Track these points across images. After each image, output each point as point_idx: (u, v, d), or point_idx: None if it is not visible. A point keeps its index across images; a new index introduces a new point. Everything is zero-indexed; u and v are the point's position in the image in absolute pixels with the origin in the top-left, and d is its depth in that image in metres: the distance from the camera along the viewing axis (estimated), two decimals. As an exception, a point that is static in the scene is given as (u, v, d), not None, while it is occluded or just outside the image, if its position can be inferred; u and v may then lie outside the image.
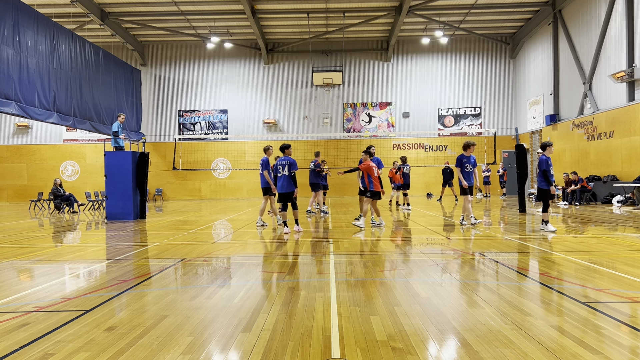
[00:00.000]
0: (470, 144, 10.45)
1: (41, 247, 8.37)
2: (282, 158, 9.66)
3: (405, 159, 16.35)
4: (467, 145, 10.46)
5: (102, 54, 21.69)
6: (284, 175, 9.58)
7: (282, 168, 9.57)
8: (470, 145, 10.44)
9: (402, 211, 15.24)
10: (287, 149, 9.72)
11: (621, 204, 16.17)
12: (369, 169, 10.14)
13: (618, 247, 7.36)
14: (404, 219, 12.72)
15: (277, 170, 9.72)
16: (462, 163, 10.35)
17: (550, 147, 9.42)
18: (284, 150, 9.72)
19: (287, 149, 9.71)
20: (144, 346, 3.29)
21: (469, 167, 10.39)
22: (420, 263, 6.41)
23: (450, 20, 24.64)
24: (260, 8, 22.91)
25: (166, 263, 6.66)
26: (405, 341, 3.31)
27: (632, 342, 3.26)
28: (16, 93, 15.26)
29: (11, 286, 5.34)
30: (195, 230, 10.76)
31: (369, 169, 10.15)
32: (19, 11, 15.58)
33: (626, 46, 16.99)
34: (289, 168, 9.50)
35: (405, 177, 16.09)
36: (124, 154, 13.99)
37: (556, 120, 22.41)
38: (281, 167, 9.58)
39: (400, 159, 16.43)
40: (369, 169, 10.14)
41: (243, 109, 27.64)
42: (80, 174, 27.63)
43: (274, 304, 4.30)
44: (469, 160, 10.39)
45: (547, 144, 9.42)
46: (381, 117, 27.57)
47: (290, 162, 9.51)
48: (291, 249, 7.68)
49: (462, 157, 10.41)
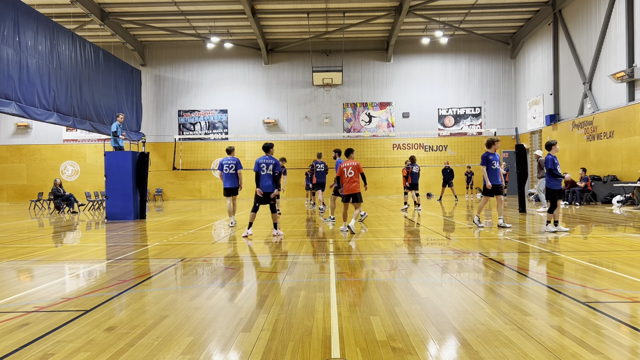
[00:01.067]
0: (494, 140, 10.19)
1: (41, 247, 8.36)
2: (264, 157, 9.38)
3: (414, 158, 16.14)
4: (492, 141, 10.19)
5: (102, 54, 21.69)
6: (267, 174, 9.33)
7: (265, 167, 9.33)
8: (494, 141, 10.18)
9: (416, 210, 15.27)
10: (271, 148, 9.55)
11: (621, 204, 16.16)
12: (341, 172, 10.07)
13: (618, 247, 7.36)
14: (405, 219, 12.72)
15: (260, 169, 9.42)
16: (489, 160, 10.06)
17: (555, 145, 9.36)
18: (268, 150, 9.49)
19: (270, 149, 9.54)
20: (144, 346, 3.29)
21: (496, 164, 10.09)
22: (420, 263, 6.41)
23: (450, 20, 24.64)
24: (260, 8, 22.91)
25: (166, 263, 6.66)
26: (405, 341, 3.31)
27: (632, 342, 3.26)
28: (16, 93, 15.26)
29: (11, 286, 5.34)
30: (195, 230, 10.76)
31: (341, 171, 10.08)
32: (19, 11, 15.57)
33: (626, 46, 17.00)
34: (273, 168, 9.34)
35: (413, 176, 16.01)
36: (124, 154, 13.99)
37: (556, 120, 22.41)
38: (265, 166, 9.33)
39: (409, 159, 16.37)
40: (341, 172, 10.07)
41: (243, 109, 27.64)
42: (80, 174, 27.63)
43: (274, 304, 4.30)
44: (495, 157, 10.13)
45: (552, 143, 9.36)
46: (381, 117, 27.57)
47: (275, 163, 9.34)
48: (291, 249, 7.68)
49: (487, 154, 10.13)
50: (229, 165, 11.20)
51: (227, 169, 11.21)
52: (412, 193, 16.11)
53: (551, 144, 9.40)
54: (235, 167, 11.20)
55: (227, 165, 11.22)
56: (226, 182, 11.31)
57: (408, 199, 16.73)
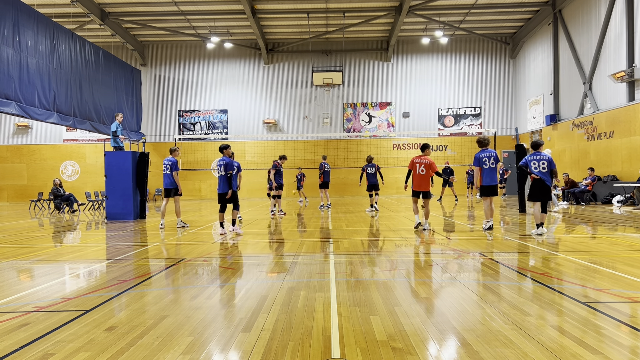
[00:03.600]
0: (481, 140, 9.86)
1: (41, 247, 8.36)
2: (220, 159, 9.87)
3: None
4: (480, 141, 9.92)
5: (102, 54, 21.69)
6: (221, 176, 9.78)
7: (218, 168, 9.83)
8: (481, 140, 9.86)
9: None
10: (225, 149, 9.97)
11: (621, 204, 16.17)
12: (413, 166, 10.12)
13: (618, 247, 7.36)
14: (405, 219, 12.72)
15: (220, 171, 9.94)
16: (480, 160, 9.64)
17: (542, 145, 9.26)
18: (222, 151, 9.96)
19: (225, 149, 9.95)
20: (144, 346, 3.29)
21: (488, 162, 9.60)
22: (420, 263, 6.42)
23: (450, 20, 24.64)
24: (260, 8, 22.91)
25: (166, 263, 6.66)
26: (405, 341, 3.31)
27: (632, 342, 3.26)
28: (16, 93, 15.26)
29: (11, 286, 5.34)
30: (195, 230, 10.76)
31: (413, 165, 10.13)
32: (19, 11, 15.57)
33: (626, 46, 16.99)
34: (224, 168, 9.68)
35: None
36: (124, 154, 13.99)
37: (556, 120, 22.41)
38: (217, 167, 9.84)
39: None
40: (413, 166, 10.12)
41: (243, 109, 27.64)
42: (80, 174, 27.63)
43: (274, 304, 4.30)
44: (486, 155, 9.62)
45: (541, 143, 9.15)
46: (381, 117, 27.57)
47: (226, 163, 9.68)
48: (291, 249, 7.68)
49: (478, 154, 9.73)
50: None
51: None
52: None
53: (541, 144, 9.17)
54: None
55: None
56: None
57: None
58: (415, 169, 9.92)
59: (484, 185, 9.77)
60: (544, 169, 8.81)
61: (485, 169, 9.68)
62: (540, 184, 8.87)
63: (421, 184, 9.88)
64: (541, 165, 8.83)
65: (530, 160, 8.95)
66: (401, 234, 9.55)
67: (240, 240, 9.00)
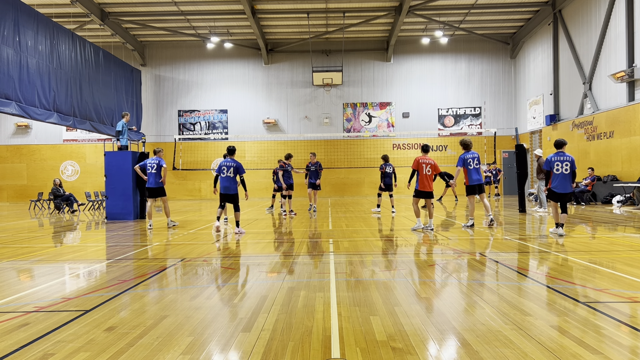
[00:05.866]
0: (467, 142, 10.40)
1: (41, 247, 8.36)
2: (230, 160, 10.01)
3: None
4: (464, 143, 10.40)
5: (102, 54, 21.69)
6: (227, 177, 9.95)
7: (226, 170, 9.94)
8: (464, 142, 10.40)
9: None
10: (235, 151, 10.31)
11: (621, 204, 16.17)
12: (419, 166, 10.26)
13: (618, 247, 7.36)
14: (405, 220, 12.72)
15: (220, 171, 10.04)
16: (465, 160, 10.18)
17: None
18: (233, 153, 10.22)
19: (235, 152, 10.30)
20: (144, 346, 3.29)
21: (473, 163, 10.15)
22: (420, 263, 6.42)
23: (450, 20, 24.63)
24: (260, 8, 22.91)
25: (166, 263, 6.66)
26: (405, 341, 3.31)
27: (632, 342, 3.26)
28: (16, 93, 15.25)
29: (11, 286, 5.34)
30: (195, 230, 10.76)
31: (419, 165, 10.26)
32: (19, 11, 15.57)
33: (626, 46, 16.99)
34: (234, 172, 9.95)
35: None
36: (124, 154, 14.00)
37: (556, 120, 22.41)
38: (225, 169, 9.94)
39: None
40: (419, 166, 10.26)
41: (243, 109, 27.63)
42: (80, 174, 27.63)
43: (274, 304, 4.30)
44: (473, 156, 10.18)
45: (564, 142, 9.09)
46: (381, 117, 27.57)
47: (236, 166, 9.96)
48: (291, 249, 7.68)
49: (463, 155, 10.30)
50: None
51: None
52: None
53: (565, 143, 9.19)
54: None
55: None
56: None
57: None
58: (422, 169, 9.97)
59: (473, 184, 10.17)
60: (567, 171, 8.80)
61: (471, 169, 10.17)
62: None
63: (428, 184, 10.00)
64: (564, 166, 8.81)
65: (555, 162, 8.92)
66: (401, 234, 9.55)
67: (240, 240, 9.00)
